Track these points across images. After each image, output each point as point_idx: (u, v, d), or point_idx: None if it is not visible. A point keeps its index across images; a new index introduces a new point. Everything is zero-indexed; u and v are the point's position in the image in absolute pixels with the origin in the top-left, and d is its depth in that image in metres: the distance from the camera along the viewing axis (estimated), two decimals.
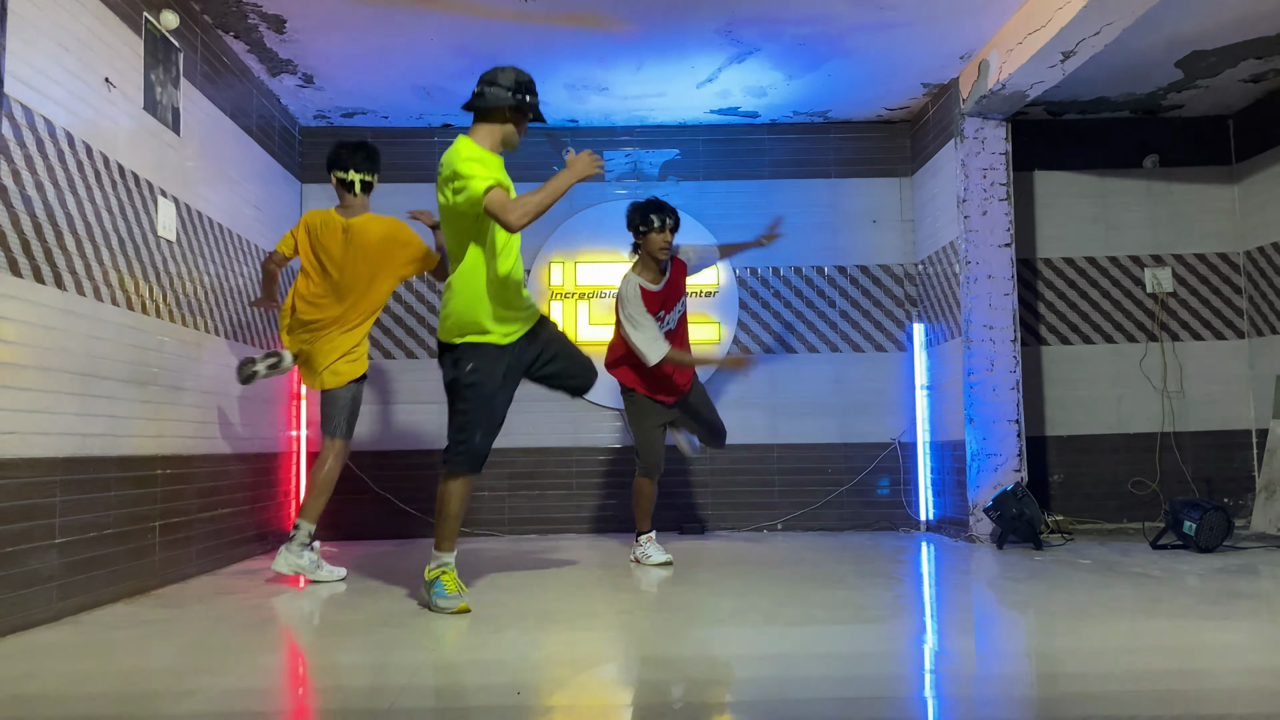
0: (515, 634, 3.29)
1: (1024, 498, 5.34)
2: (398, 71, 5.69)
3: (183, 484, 4.56)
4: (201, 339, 4.83)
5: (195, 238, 4.79)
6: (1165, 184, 6.71)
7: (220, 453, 5.03)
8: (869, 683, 2.67)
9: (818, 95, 6.18)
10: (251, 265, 5.55)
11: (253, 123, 5.66)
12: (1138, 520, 6.44)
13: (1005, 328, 5.79)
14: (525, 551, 5.58)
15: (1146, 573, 4.38)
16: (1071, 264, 6.67)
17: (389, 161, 6.56)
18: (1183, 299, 6.65)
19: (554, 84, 5.90)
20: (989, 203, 5.84)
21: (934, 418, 6.39)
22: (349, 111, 6.34)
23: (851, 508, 6.51)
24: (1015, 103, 5.64)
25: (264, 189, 5.84)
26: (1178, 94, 6.28)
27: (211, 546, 4.89)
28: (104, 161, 3.92)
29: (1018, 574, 4.47)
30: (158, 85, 4.40)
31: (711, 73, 5.77)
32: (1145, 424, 6.58)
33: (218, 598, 4.11)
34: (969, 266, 5.81)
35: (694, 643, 3.21)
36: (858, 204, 6.71)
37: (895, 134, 6.74)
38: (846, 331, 6.64)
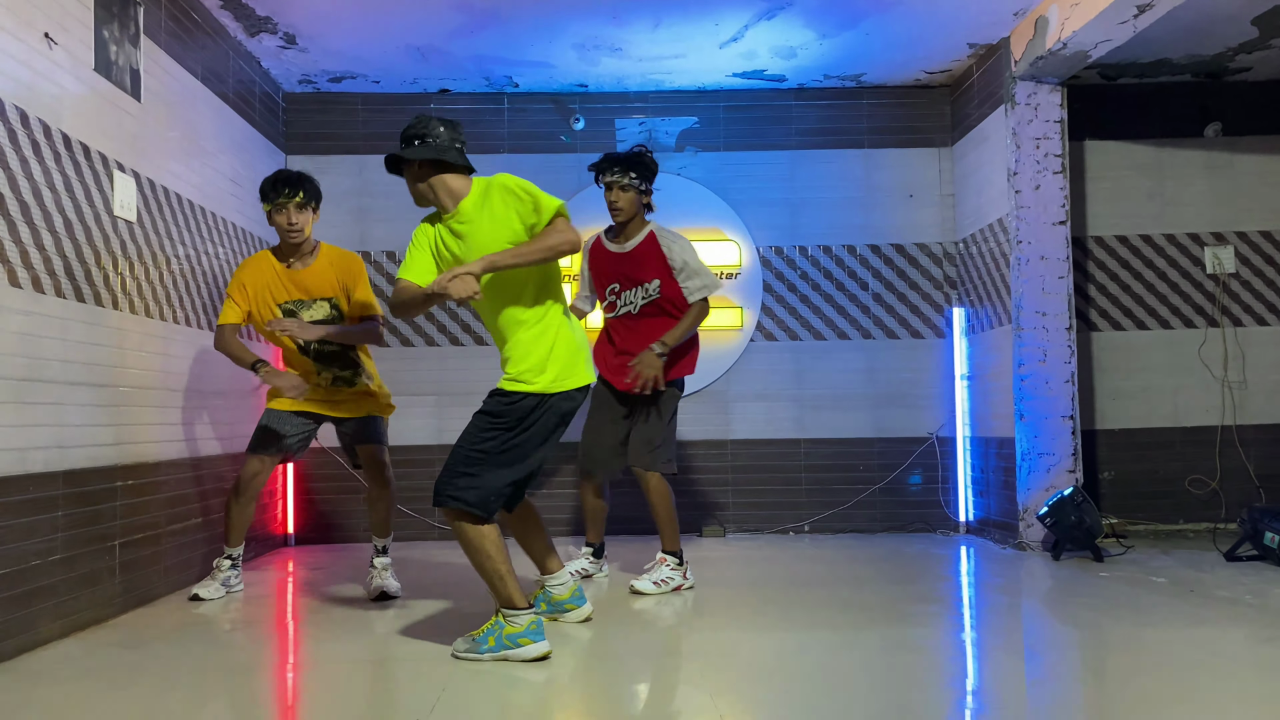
0: (537, 670, 2.78)
1: (1084, 504, 4.82)
2: (389, 30, 5.13)
3: (148, 495, 4.05)
4: (170, 331, 4.31)
5: (161, 217, 4.25)
6: (1228, 155, 6.14)
7: (194, 456, 4.52)
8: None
9: (852, 57, 5.61)
10: (228, 246, 5.02)
11: (229, 88, 5.11)
12: (1196, 521, 5.94)
13: (1059, 314, 5.25)
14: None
15: (1236, 596, 3.87)
16: (1125, 243, 6.12)
17: (382, 130, 6.03)
18: (1246, 280, 6.10)
19: (562, 44, 5.33)
20: (1042, 176, 5.29)
21: (975, 411, 5.86)
22: (337, 76, 5.77)
23: (884, 508, 6.01)
24: (1074, 65, 5.07)
25: (243, 161, 5.29)
26: (1247, 55, 5.70)
27: (184, 561, 4.39)
28: (44, 130, 3.38)
29: (1086, 595, 3.97)
30: (112, 44, 3.85)
31: (737, 30, 5.20)
32: (1204, 417, 6.05)
33: (185, 630, 3.60)
34: (1020, 246, 5.27)
35: (719, 671, 2.71)
36: (892, 177, 6.15)
37: (934, 100, 6.17)
38: (880, 316, 6.10)
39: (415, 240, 3.24)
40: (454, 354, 5.99)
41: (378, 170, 5.98)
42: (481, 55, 5.48)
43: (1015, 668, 3.09)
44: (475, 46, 5.35)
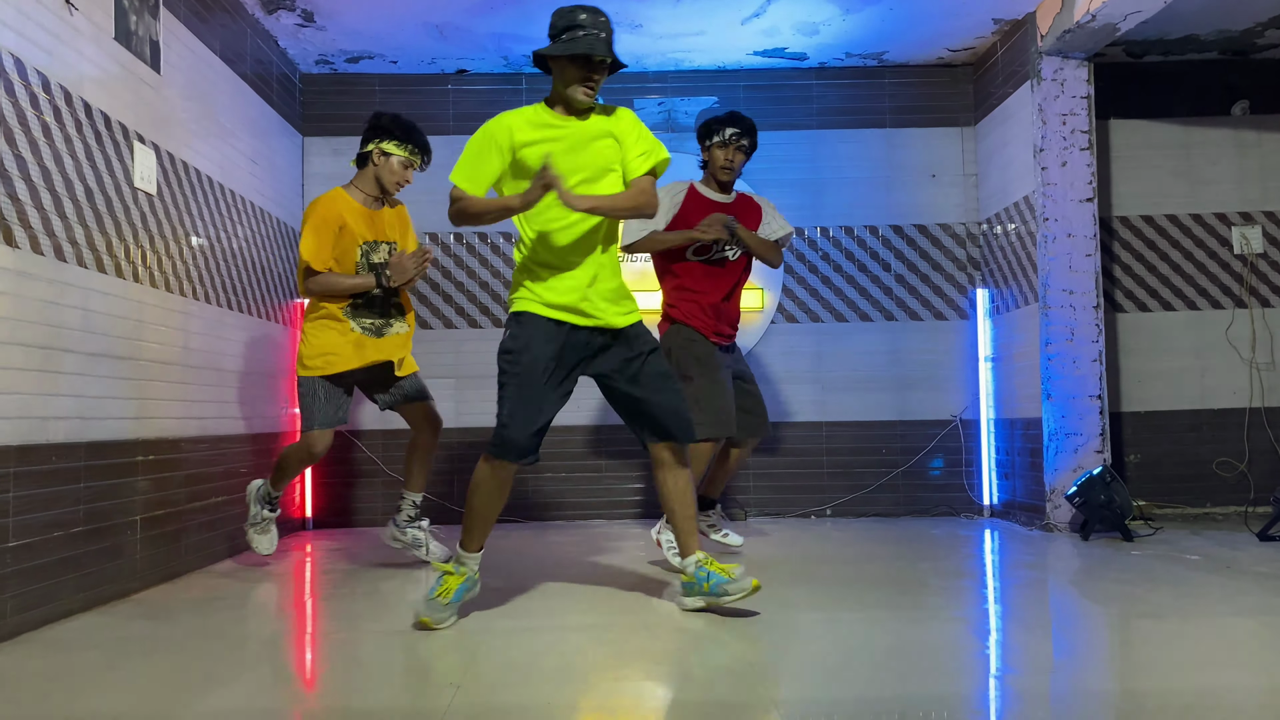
0: (557, 657, 2.73)
1: (1113, 483, 4.75)
2: (407, 7, 5.08)
3: (169, 471, 4.01)
4: (190, 307, 4.27)
5: (182, 192, 4.22)
6: (1256, 133, 6.05)
7: (214, 434, 4.48)
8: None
9: (874, 34, 5.55)
10: (247, 225, 4.98)
11: (248, 67, 5.07)
12: (1224, 505, 5.86)
13: (1087, 292, 5.18)
14: (552, 542, 5.02)
15: (1274, 572, 3.79)
16: (1151, 223, 6.04)
17: (400, 111, 5.96)
18: (1274, 260, 6.02)
19: None
20: (1069, 152, 5.21)
21: (1000, 392, 5.79)
22: (354, 56, 5.73)
23: (908, 491, 5.94)
24: (1102, 39, 5.00)
25: (261, 141, 5.25)
26: (1277, 30, 5.62)
27: (205, 540, 4.35)
28: (65, 97, 3.34)
29: (1118, 573, 3.90)
30: (132, 13, 3.81)
31: (759, 5, 5.14)
32: (1231, 399, 5.97)
33: (209, 603, 3.57)
34: (1047, 224, 5.20)
35: (747, 646, 2.65)
36: (915, 157, 6.08)
37: (956, 79, 6.10)
38: (902, 298, 6.03)
39: (483, 143, 3.17)
40: (472, 336, 5.94)
41: None
42: (500, 33, 5.43)
43: (1043, 643, 3.02)
44: (494, 24, 5.30)
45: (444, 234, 5.92)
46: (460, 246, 5.98)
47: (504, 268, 5.99)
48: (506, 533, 5.30)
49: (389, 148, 4.08)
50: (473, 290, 5.97)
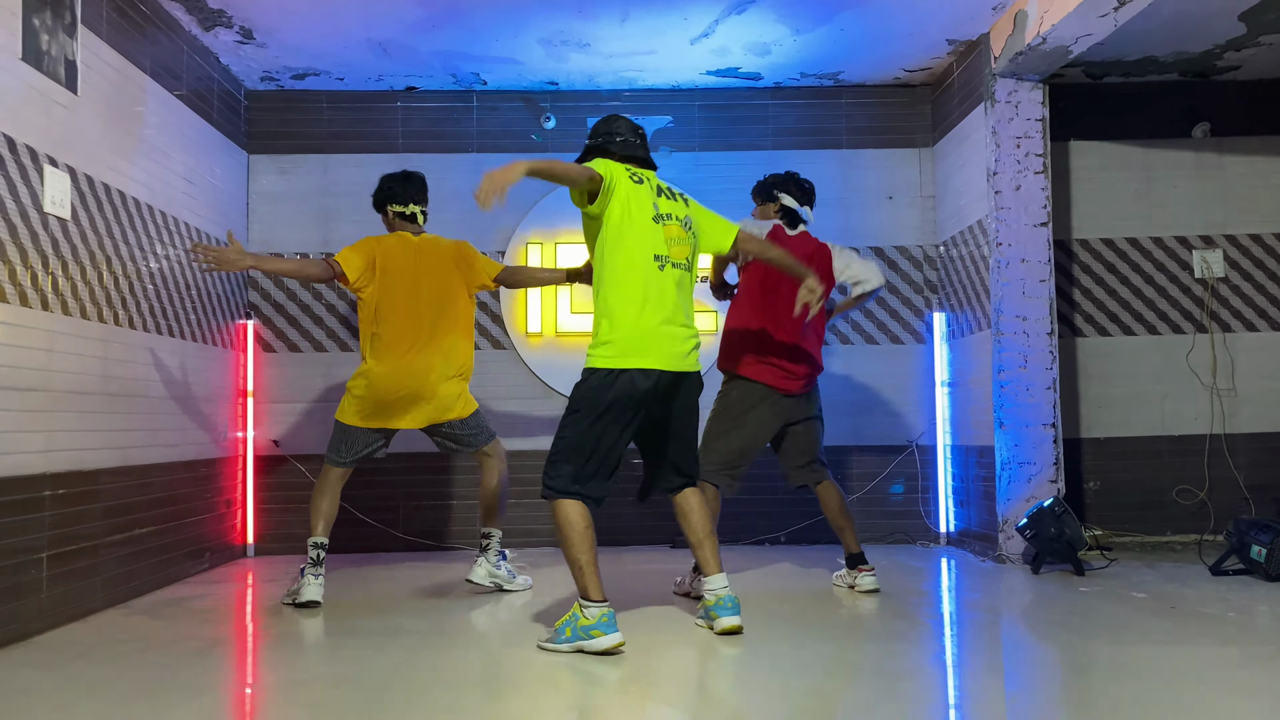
0: (492, 691, 2.61)
1: (1064, 515, 4.65)
2: (349, 24, 4.97)
3: (83, 504, 3.88)
4: (110, 333, 4.13)
5: (102, 215, 4.09)
6: (1217, 155, 5.97)
7: (137, 464, 4.34)
8: None
9: (828, 54, 5.46)
10: (180, 245, 4.85)
11: (184, 84, 4.94)
12: (1184, 533, 5.76)
13: (1040, 318, 5.09)
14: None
15: (1219, 614, 3.69)
16: (1111, 246, 5.95)
17: (347, 129, 5.89)
18: (1235, 285, 5.93)
19: (527, 39, 5.17)
20: (1023, 176, 5.12)
21: (956, 419, 5.69)
22: (299, 73, 5.61)
23: (864, 518, 5.81)
24: (1055, 60, 4.91)
25: (199, 160, 5.13)
26: (1235, 53, 5.54)
27: (125, 574, 4.21)
28: None
29: (1067, 614, 3.79)
30: (44, 33, 3.68)
31: (707, 26, 5.04)
32: (1192, 425, 5.88)
33: (114, 645, 3.43)
34: (1000, 248, 5.10)
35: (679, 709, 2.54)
36: (872, 178, 5.99)
37: (914, 99, 6.01)
38: (858, 321, 5.93)
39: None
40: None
41: (342, 169, 5.84)
42: (447, 51, 5.32)
43: (991, 684, 2.91)
44: (439, 42, 5.19)
45: None
46: None
47: None
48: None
49: (398, 209, 4.36)
50: None
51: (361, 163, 5.80)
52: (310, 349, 5.78)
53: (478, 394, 5.96)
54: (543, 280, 4.63)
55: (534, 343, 5.82)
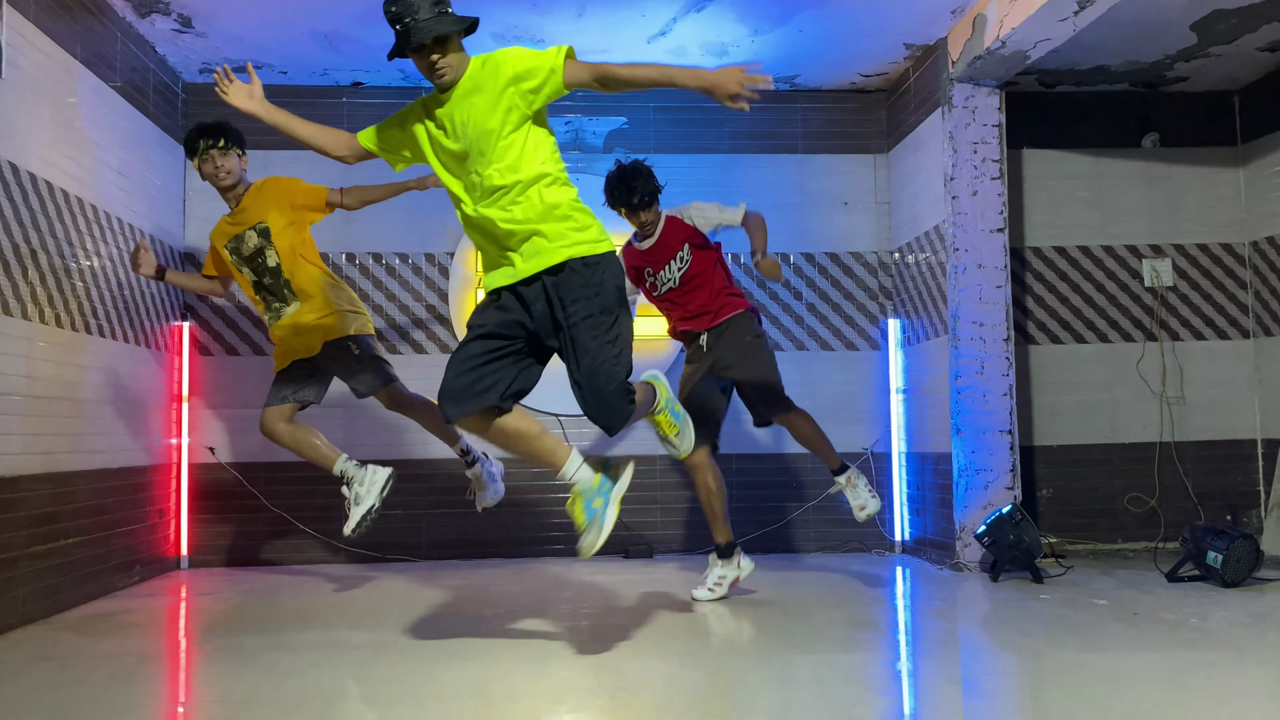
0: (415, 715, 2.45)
1: (1022, 522, 4.61)
2: (292, 13, 4.79)
3: (3, 513, 3.63)
4: (34, 331, 3.90)
5: (26, 207, 3.86)
6: (1166, 166, 6.03)
7: (64, 470, 4.10)
8: None
9: (785, 57, 5.40)
10: (111, 241, 4.62)
11: (118, 75, 4.72)
12: (1135, 540, 5.78)
13: (997, 325, 5.06)
14: (447, 584, 4.72)
15: (1184, 620, 3.66)
16: (1063, 254, 5.98)
17: None
18: (1183, 294, 5.99)
19: (480, 33, 4.96)
20: (980, 182, 5.11)
21: (911, 425, 5.65)
22: (240, 65, 5.39)
23: (819, 526, 5.76)
24: (1014, 65, 4.90)
25: (135, 154, 4.90)
26: (1185, 64, 5.59)
27: (47, 588, 3.96)
28: None
29: (1028, 622, 3.74)
30: None
31: (665, 24, 4.95)
32: (1142, 433, 5.91)
33: (34, 663, 3.20)
34: (957, 254, 5.08)
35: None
36: (827, 184, 5.94)
37: (870, 105, 5.98)
38: (814, 327, 5.87)
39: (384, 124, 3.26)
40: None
41: (283, 166, 5.57)
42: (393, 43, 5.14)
43: (952, 696, 2.82)
44: (386, 35, 4.92)
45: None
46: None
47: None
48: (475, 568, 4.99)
49: (195, 165, 4.30)
50: None
51: (306, 159, 5.53)
52: (249, 352, 5.55)
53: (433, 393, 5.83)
54: (389, 192, 4.41)
55: None
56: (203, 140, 4.20)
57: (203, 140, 4.20)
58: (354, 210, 4.42)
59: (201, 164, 4.22)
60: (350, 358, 4.23)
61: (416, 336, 5.69)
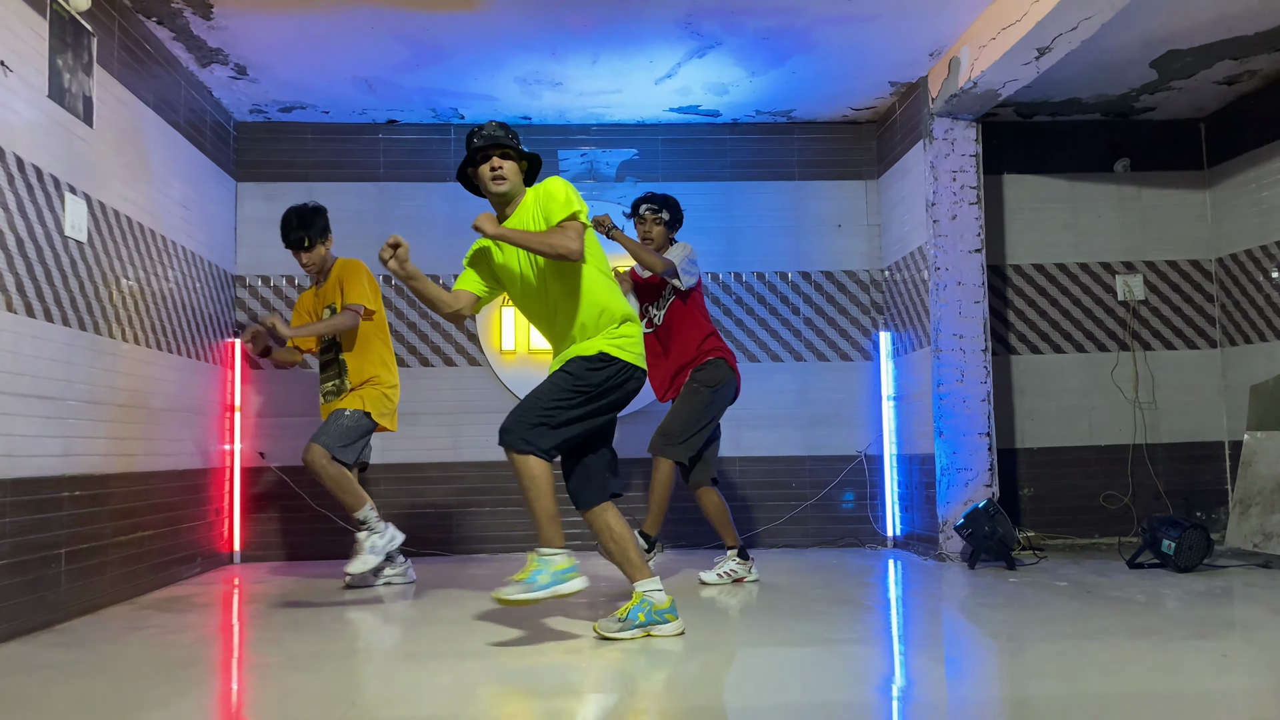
0: (453, 677, 2.96)
1: (996, 515, 5.10)
2: (337, 62, 5.35)
3: (95, 506, 4.18)
4: (118, 348, 4.45)
5: (112, 238, 4.42)
6: (1136, 188, 6.52)
7: (140, 471, 4.65)
8: (835, 713, 2.38)
9: (781, 93, 5.92)
10: (176, 266, 5.17)
11: (181, 116, 5.29)
12: (1110, 535, 6.24)
13: (976, 337, 5.56)
14: (475, 575, 5.24)
15: (1128, 596, 4.14)
16: (1042, 270, 6.47)
17: (331, 159, 6.24)
18: (1154, 307, 6.47)
19: (504, 78, 5.58)
20: (959, 206, 5.61)
21: (901, 430, 6.14)
22: (287, 106, 5.97)
23: (816, 523, 6.25)
24: (986, 102, 5.41)
25: (194, 187, 5.46)
26: (1150, 95, 6.09)
27: (128, 573, 4.50)
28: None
29: (992, 599, 4.23)
30: (65, 72, 4.03)
31: (671, 68, 5.49)
32: (1117, 436, 6.38)
33: (129, 633, 3.74)
34: (938, 273, 5.58)
35: (646, 678, 2.91)
36: (822, 208, 6.46)
37: (861, 135, 6.50)
38: (811, 340, 6.38)
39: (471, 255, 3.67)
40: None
41: (325, 196, 6.11)
42: (427, 88, 5.71)
43: (924, 654, 3.32)
44: (420, 79, 5.58)
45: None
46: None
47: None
48: (432, 565, 5.51)
49: None
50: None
51: (344, 190, 6.17)
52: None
53: (457, 409, 6.36)
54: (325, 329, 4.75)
55: (508, 359, 6.20)
56: (296, 235, 4.70)
57: (296, 235, 4.70)
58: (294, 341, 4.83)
59: (294, 255, 4.77)
60: (344, 417, 4.64)
61: (446, 350, 6.21)
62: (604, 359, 3.41)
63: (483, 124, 3.54)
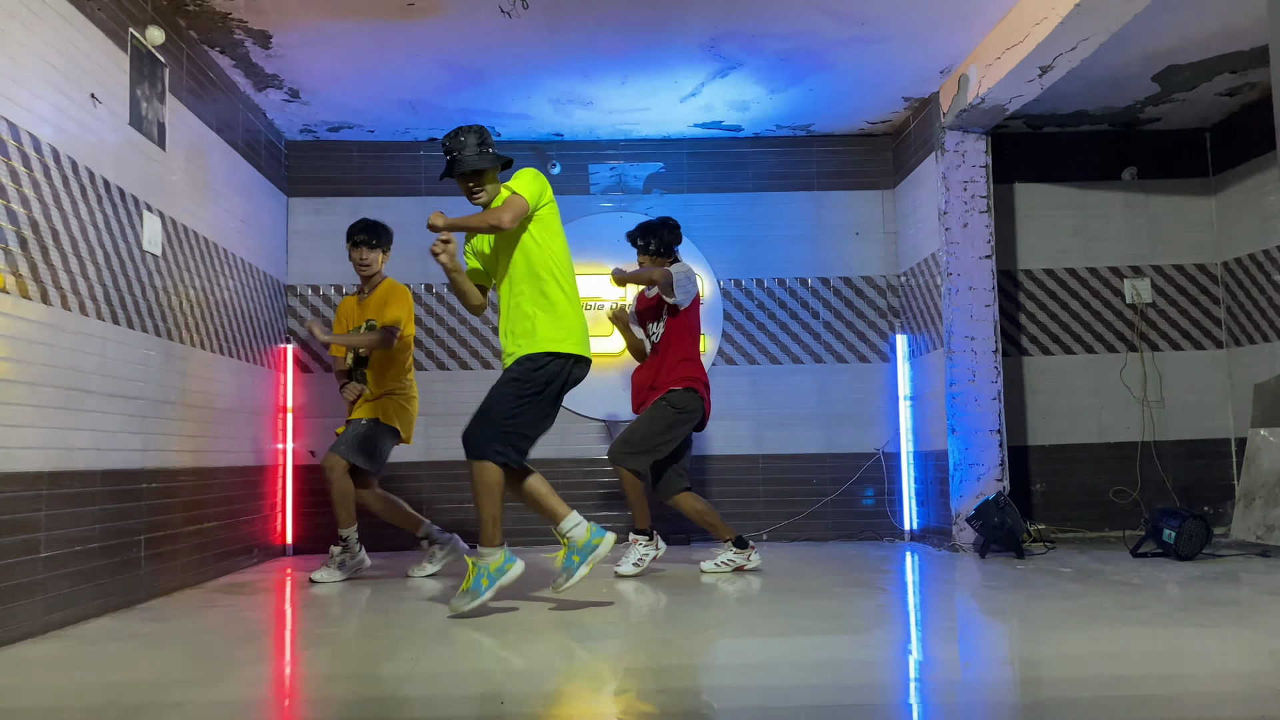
0: (500, 644, 3.30)
1: (1006, 507, 5.38)
2: (384, 86, 5.72)
3: (168, 498, 4.56)
4: (187, 353, 4.84)
5: (181, 252, 4.81)
6: (1143, 196, 6.79)
7: (206, 466, 5.03)
8: (853, 692, 2.70)
9: (800, 109, 6.25)
10: (237, 279, 5.56)
11: (239, 137, 5.68)
12: (1119, 529, 6.50)
13: (986, 339, 5.85)
14: None
15: (1127, 580, 4.42)
16: (1052, 275, 6.75)
17: (376, 175, 6.63)
18: (1161, 309, 6.73)
19: (539, 98, 5.94)
20: (970, 215, 5.91)
21: (917, 428, 6.44)
22: (335, 126, 6.36)
23: (836, 518, 6.55)
24: (995, 116, 5.71)
25: (250, 203, 5.85)
26: (1155, 107, 6.37)
27: (196, 560, 4.88)
28: (89, 176, 3.94)
29: (999, 583, 4.52)
30: (143, 100, 4.42)
31: (695, 87, 5.83)
32: (1126, 433, 6.65)
33: (203, 610, 4.11)
34: (950, 278, 5.87)
35: (677, 653, 3.24)
36: (840, 217, 6.77)
37: (877, 147, 6.81)
38: (830, 343, 6.69)
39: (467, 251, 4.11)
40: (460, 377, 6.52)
41: (371, 211, 6.52)
42: (466, 108, 6.08)
43: (939, 627, 3.62)
44: (461, 101, 5.96)
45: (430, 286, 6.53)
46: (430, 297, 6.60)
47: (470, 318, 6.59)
48: None
49: (348, 248, 5.17)
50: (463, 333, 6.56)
51: (388, 204, 6.54)
52: None
53: None
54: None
55: None
56: (362, 234, 5.08)
57: (362, 234, 5.08)
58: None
59: (352, 249, 5.11)
60: (360, 427, 5.02)
61: (485, 354, 6.57)
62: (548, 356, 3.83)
63: (457, 136, 3.83)
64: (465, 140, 3.83)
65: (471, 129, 3.87)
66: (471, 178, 3.89)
